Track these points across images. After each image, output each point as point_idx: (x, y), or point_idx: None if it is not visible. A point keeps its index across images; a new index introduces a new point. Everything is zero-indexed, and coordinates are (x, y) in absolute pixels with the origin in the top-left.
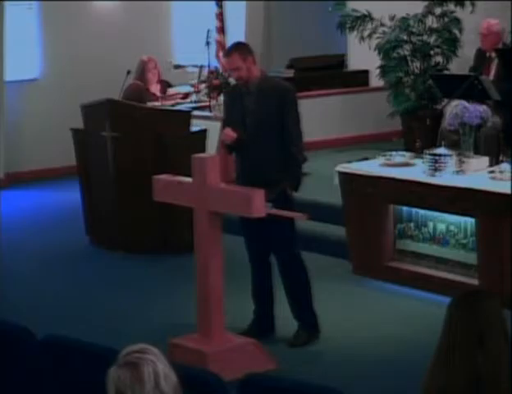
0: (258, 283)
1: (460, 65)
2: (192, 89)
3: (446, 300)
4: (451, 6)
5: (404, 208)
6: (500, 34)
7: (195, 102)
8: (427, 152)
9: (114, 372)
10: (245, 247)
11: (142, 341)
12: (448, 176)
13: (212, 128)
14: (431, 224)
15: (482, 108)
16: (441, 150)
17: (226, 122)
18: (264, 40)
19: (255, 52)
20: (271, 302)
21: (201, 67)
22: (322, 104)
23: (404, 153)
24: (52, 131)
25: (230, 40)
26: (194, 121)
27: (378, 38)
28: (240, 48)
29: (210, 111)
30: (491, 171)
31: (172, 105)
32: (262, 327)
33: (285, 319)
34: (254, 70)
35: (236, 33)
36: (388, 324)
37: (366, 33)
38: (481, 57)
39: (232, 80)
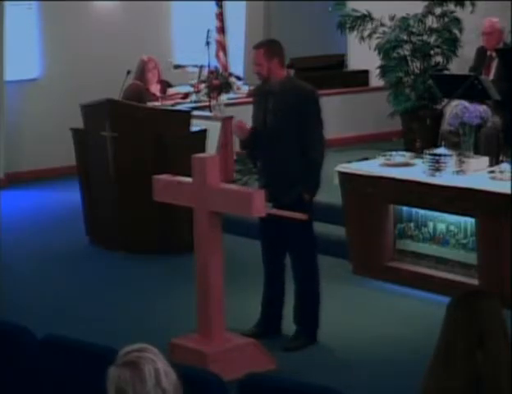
0: (271, 286)
1: (460, 65)
2: (192, 89)
3: (446, 300)
4: (451, 6)
5: (404, 208)
6: (502, 31)
7: (195, 102)
8: (427, 152)
9: (114, 371)
10: (261, 249)
11: (142, 341)
12: (448, 176)
13: (212, 128)
14: (431, 224)
15: (482, 108)
16: (441, 150)
17: (252, 120)
18: None
19: None
20: (280, 305)
21: (201, 67)
22: (322, 104)
23: (404, 153)
24: (52, 131)
25: (230, 40)
26: (194, 121)
27: (378, 38)
28: (269, 46)
29: (210, 111)
30: (491, 171)
31: (172, 105)
32: (268, 329)
33: (287, 320)
34: (278, 71)
35: (236, 33)
36: (388, 324)
37: (366, 33)
38: (481, 57)
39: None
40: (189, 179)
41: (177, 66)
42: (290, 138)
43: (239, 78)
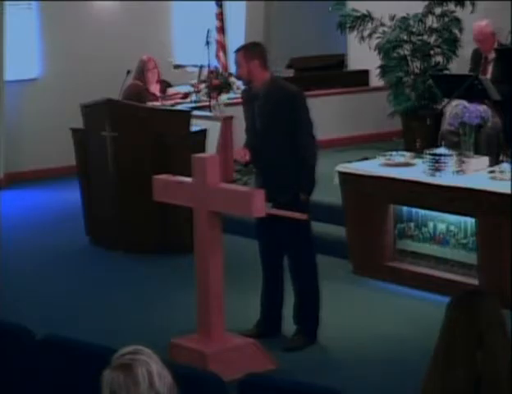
0: (270, 286)
1: (460, 65)
2: (192, 89)
3: (446, 300)
4: (451, 6)
5: (404, 208)
6: (494, 32)
7: (195, 102)
8: (427, 152)
9: (108, 375)
10: (259, 250)
11: (142, 341)
12: (448, 176)
13: (212, 128)
14: (431, 224)
15: (482, 108)
16: (441, 150)
17: (245, 123)
18: (264, 40)
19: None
20: (280, 305)
21: (201, 67)
22: (322, 104)
23: (404, 153)
24: (52, 131)
25: (230, 40)
26: (194, 121)
27: (378, 38)
28: (249, 49)
29: (210, 111)
30: (491, 171)
31: (172, 105)
32: (268, 329)
33: (288, 320)
34: (259, 73)
35: (236, 33)
36: (388, 324)
37: (366, 33)
38: (477, 59)
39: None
40: (189, 179)
41: (177, 66)
42: (280, 140)
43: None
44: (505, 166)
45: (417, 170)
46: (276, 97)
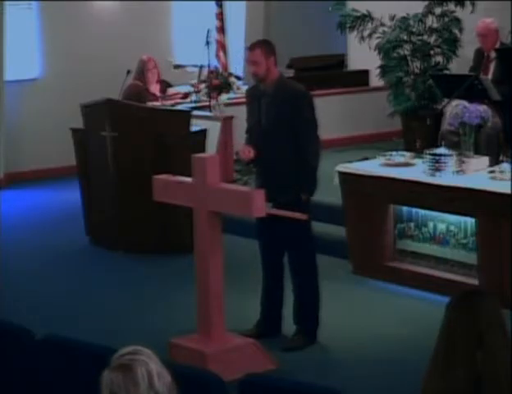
0: (270, 286)
1: (460, 65)
2: (192, 89)
3: (446, 300)
4: (451, 6)
5: (404, 208)
6: (498, 31)
7: (195, 102)
8: (427, 152)
9: (107, 376)
10: (259, 250)
11: (142, 341)
12: (448, 176)
13: (212, 128)
14: (431, 224)
15: (482, 108)
16: (441, 150)
17: (247, 122)
18: None
19: None
20: (280, 305)
21: (201, 67)
22: (322, 104)
23: (404, 153)
24: (52, 131)
25: (230, 40)
26: (194, 121)
27: (378, 38)
28: (266, 45)
29: (210, 111)
30: (491, 171)
31: (172, 105)
32: (268, 329)
33: (288, 320)
34: (274, 71)
35: (236, 33)
36: (388, 324)
37: (366, 33)
38: (479, 58)
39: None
40: (189, 179)
41: (177, 66)
42: (285, 139)
43: (239, 78)
44: (505, 166)
45: (417, 170)
46: (282, 96)
